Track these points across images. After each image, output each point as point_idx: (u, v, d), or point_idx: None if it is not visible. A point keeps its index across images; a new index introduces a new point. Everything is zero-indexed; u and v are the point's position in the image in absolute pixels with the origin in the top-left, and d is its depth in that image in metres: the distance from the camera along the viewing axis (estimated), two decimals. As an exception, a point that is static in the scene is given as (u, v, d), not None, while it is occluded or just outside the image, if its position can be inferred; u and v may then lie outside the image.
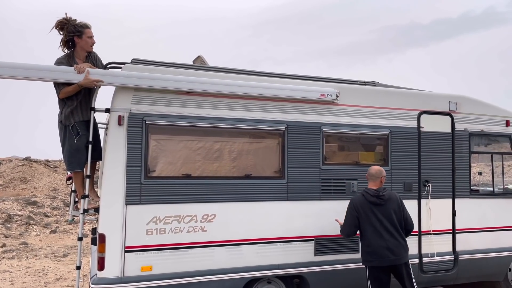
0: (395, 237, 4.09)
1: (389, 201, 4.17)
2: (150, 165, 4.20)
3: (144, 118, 4.18)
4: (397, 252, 4.07)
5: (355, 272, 4.85)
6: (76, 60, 4.24)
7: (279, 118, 4.70)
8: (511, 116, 5.96)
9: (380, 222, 4.11)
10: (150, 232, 4.12)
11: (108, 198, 4.03)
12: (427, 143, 5.35)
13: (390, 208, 4.15)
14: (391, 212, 4.14)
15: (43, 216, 13.47)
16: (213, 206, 4.36)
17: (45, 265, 8.05)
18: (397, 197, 4.26)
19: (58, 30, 4.25)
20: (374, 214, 4.14)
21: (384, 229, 4.09)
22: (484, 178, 7.27)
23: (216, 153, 4.46)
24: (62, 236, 11.46)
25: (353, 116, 5.04)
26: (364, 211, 4.18)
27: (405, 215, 4.23)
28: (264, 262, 4.51)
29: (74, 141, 4.14)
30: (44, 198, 15.76)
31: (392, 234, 4.08)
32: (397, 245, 4.08)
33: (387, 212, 4.13)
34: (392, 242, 4.07)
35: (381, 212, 4.13)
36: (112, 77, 4.11)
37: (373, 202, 4.17)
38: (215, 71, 4.70)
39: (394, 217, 4.13)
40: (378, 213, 4.13)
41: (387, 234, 4.08)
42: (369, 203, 4.18)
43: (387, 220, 4.11)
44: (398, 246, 4.08)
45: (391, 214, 4.13)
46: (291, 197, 4.67)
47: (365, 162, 5.09)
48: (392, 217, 4.13)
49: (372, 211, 4.15)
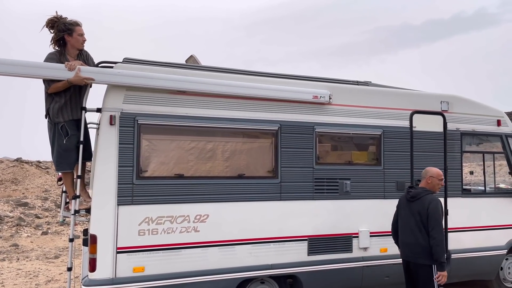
0: (416, 236, 4.09)
1: (418, 201, 4.14)
2: (142, 165, 4.16)
3: (136, 118, 4.15)
4: (414, 250, 4.10)
5: (348, 271, 4.86)
6: (68, 58, 4.19)
7: (272, 117, 4.69)
8: (502, 115, 6.01)
9: (407, 218, 4.19)
10: (142, 233, 4.08)
11: (100, 198, 3.99)
12: (419, 142, 5.37)
13: (416, 208, 4.13)
14: (416, 211, 4.13)
15: (34, 217, 13.33)
16: (206, 206, 4.34)
17: (36, 267, 7.96)
18: (430, 201, 4.06)
19: (49, 28, 4.20)
20: (405, 210, 4.25)
21: (408, 226, 4.17)
22: (476, 177, 7.33)
23: (209, 153, 4.44)
24: (54, 238, 11.35)
25: (346, 115, 5.04)
26: (400, 206, 4.35)
27: (431, 222, 4.01)
28: (257, 262, 4.49)
29: (63, 141, 4.09)
30: (35, 199, 15.60)
31: (413, 232, 4.11)
32: (415, 244, 4.09)
33: (414, 211, 4.15)
34: (411, 239, 4.12)
35: (409, 210, 4.19)
36: (103, 75, 4.07)
37: (407, 199, 4.26)
38: (208, 71, 4.67)
39: (418, 217, 4.11)
40: (407, 210, 4.22)
41: (409, 231, 4.15)
42: (406, 199, 4.29)
43: (413, 218, 4.14)
44: (416, 246, 4.09)
45: (416, 214, 4.13)
46: (284, 197, 4.66)
47: (358, 162, 5.11)
48: (416, 217, 4.12)
49: (405, 207, 4.26)
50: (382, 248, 5.10)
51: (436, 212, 4.01)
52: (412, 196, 4.20)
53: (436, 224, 3.97)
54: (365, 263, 4.99)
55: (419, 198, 4.13)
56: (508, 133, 5.97)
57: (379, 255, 5.08)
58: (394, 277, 5.13)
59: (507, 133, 5.96)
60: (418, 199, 4.13)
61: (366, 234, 5.01)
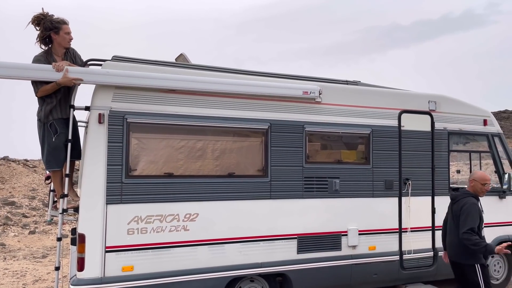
0: (456, 237, 4.17)
1: (458, 203, 4.24)
2: (132, 164, 4.14)
3: (125, 116, 4.12)
4: (454, 249, 4.22)
5: (337, 269, 4.90)
6: (54, 57, 4.14)
7: (262, 116, 4.70)
8: (488, 115, 6.10)
9: (450, 220, 4.31)
10: (132, 232, 4.07)
11: (88, 197, 3.96)
12: (407, 141, 5.43)
13: (455, 210, 4.23)
14: (455, 213, 4.23)
15: (22, 216, 13.16)
16: (195, 205, 4.33)
17: (23, 267, 7.86)
18: (465, 203, 4.12)
19: (35, 25, 4.14)
20: (449, 212, 4.38)
21: (450, 227, 4.30)
22: (463, 176, 7.43)
23: (198, 152, 4.44)
24: (41, 237, 11.22)
25: (335, 115, 5.08)
26: (448, 208, 4.45)
27: (461, 222, 4.07)
28: (247, 260, 4.50)
29: (53, 139, 4.05)
30: (22, 198, 15.40)
31: (453, 233, 4.23)
32: (455, 243, 4.21)
33: (453, 213, 4.26)
34: (452, 240, 4.25)
35: (451, 212, 4.33)
36: (92, 75, 4.04)
37: (451, 201, 4.39)
38: (198, 69, 4.66)
39: (456, 219, 4.21)
40: (450, 212, 4.36)
41: (450, 231, 4.29)
42: (451, 202, 4.39)
43: (454, 218, 4.24)
44: (455, 245, 4.20)
45: (455, 216, 4.23)
46: (274, 195, 4.68)
47: (347, 161, 5.15)
48: (455, 219, 4.23)
49: (450, 208, 4.39)
50: (370, 246, 5.15)
51: (466, 213, 4.03)
52: (452, 198, 4.35)
53: (463, 225, 4.01)
54: (354, 261, 5.03)
55: (458, 200, 4.24)
56: (494, 133, 6.06)
57: (368, 253, 5.13)
58: (382, 275, 5.20)
59: (493, 133, 6.06)
60: (457, 201, 4.24)
61: (355, 232, 5.06)
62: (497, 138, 6.07)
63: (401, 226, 5.32)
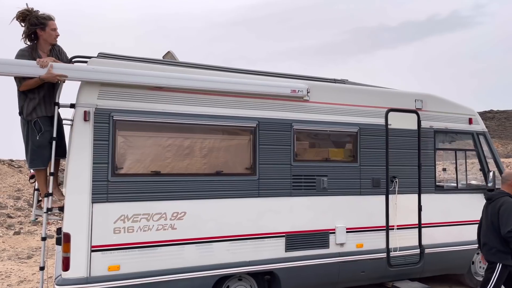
0: (489, 237, 4.28)
1: (493, 203, 4.29)
2: (118, 162, 4.09)
3: (111, 114, 4.07)
4: (488, 249, 4.30)
5: (325, 267, 4.91)
6: (40, 53, 4.07)
7: (250, 114, 4.68)
8: (473, 114, 6.18)
9: (485, 220, 4.38)
10: (118, 231, 4.02)
11: (73, 196, 3.90)
12: (394, 140, 5.47)
13: (491, 210, 4.29)
14: (490, 213, 4.29)
15: (6, 217, 12.95)
16: (183, 203, 4.30)
17: (8, 267, 7.73)
18: (502, 204, 4.19)
19: (20, 21, 4.06)
20: (485, 212, 4.46)
21: (485, 227, 4.38)
22: (449, 174, 7.52)
23: (186, 150, 4.40)
24: (26, 238, 11.05)
25: (323, 113, 5.09)
26: (484, 207, 4.52)
27: (500, 221, 4.15)
28: (235, 259, 4.48)
29: (37, 137, 3.98)
30: (7, 198, 15.15)
31: (487, 233, 4.32)
32: (488, 243, 4.29)
33: (489, 213, 4.31)
34: (486, 240, 4.33)
35: (486, 212, 4.40)
36: (77, 71, 3.98)
37: (486, 201, 4.45)
38: (185, 67, 4.63)
39: (490, 218, 4.29)
40: (485, 212, 4.43)
41: (484, 231, 4.39)
42: (486, 202, 4.46)
43: (489, 219, 4.29)
44: (489, 245, 4.28)
45: (489, 215, 4.30)
46: (262, 193, 4.67)
47: (335, 159, 5.17)
48: (489, 218, 4.30)
49: (485, 210, 4.46)
50: (358, 243, 5.17)
51: (508, 212, 4.08)
52: (487, 198, 4.41)
53: (506, 225, 4.06)
54: (342, 258, 5.05)
55: (493, 200, 4.29)
56: (479, 131, 6.14)
57: (355, 250, 5.15)
58: (370, 272, 5.23)
59: (478, 131, 6.14)
60: (493, 201, 4.29)
61: (342, 230, 5.07)
62: (482, 137, 6.16)
63: (388, 224, 5.36)
